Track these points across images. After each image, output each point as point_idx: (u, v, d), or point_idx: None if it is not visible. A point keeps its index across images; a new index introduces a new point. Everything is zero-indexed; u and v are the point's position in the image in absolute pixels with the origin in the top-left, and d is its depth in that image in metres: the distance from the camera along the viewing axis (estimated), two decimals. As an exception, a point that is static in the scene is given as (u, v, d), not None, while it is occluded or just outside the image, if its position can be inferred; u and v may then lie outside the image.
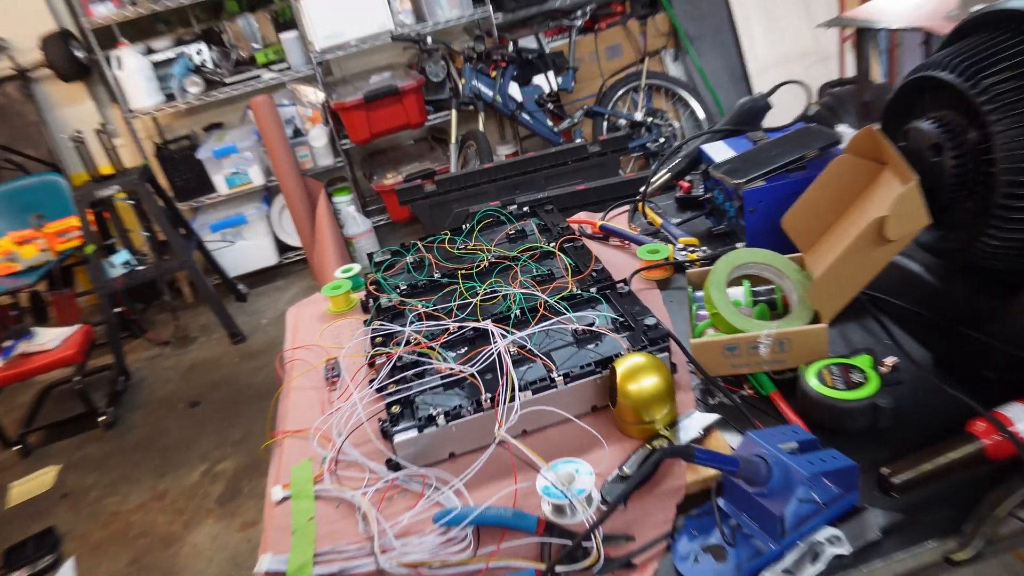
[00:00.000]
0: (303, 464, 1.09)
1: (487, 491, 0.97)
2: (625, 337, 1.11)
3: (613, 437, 1.03)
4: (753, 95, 1.56)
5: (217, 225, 4.29)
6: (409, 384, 1.09)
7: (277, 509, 1.03)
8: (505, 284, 1.30)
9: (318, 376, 1.30)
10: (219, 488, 2.86)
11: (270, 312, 4.14)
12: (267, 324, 4.03)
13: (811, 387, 0.96)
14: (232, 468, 2.95)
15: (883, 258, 0.99)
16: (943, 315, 1.05)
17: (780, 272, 1.13)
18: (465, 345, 1.17)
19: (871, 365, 0.99)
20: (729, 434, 0.99)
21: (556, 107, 4.36)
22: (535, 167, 2.95)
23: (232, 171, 4.20)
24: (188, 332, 4.12)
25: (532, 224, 1.53)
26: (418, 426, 1.01)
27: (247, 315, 4.15)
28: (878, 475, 0.87)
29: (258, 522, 2.66)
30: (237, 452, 3.03)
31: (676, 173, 1.64)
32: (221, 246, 4.30)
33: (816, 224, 1.15)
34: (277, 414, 1.26)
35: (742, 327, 1.05)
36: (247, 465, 2.94)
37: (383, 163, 4.56)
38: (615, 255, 1.52)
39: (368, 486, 1.02)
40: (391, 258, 1.49)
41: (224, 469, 2.95)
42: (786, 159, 1.27)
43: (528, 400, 1.03)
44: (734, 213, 1.36)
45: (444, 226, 2.11)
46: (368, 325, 1.28)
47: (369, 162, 4.63)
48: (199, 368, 3.76)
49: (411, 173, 4.27)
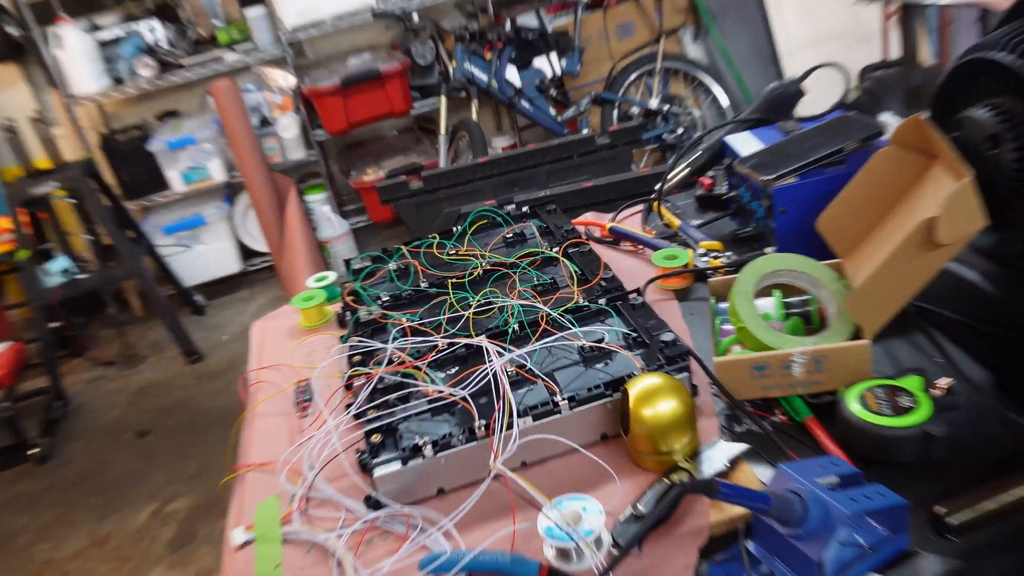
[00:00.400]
0: (269, 502, 1.09)
1: (481, 533, 0.96)
2: (639, 355, 1.11)
3: (626, 470, 1.02)
4: (784, 80, 1.57)
5: (171, 227, 4.29)
6: (392, 409, 1.09)
7: (238, 555, 1.02)
8: (502, 295, 1.30)
9: (287, 400, 1.29)
10: (170, 531, 2.85)
11: (232, 327, 4.14)
12: (228, 340, 4.02)
13: (853, 413, 0.96)
14: (186, 508, 2.94)
15: (934, 264, 0.99)
16: (1004, 329, 1.05)
17: (816, 281, 1.14)
18: (456, 364, 1.17)
19: (922, 387, 0.99)
20: (759, 466, 0.99)
21: (559, 93, 4.38)
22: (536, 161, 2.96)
23: (189, 165, 4.21)
24: (137, 350, 4.11)
25: (532, 226, 1.53)
26: (402, 458, 1.01)
27: (205, 330, 4.14)
28: (931, 514, 0.86)
29: (216, 571, 2.63)
30: (192, 489, 3.02)
31: (696, 168, 1.64)
32: (176, 251, 4.30)
33: (856, 226, 1.15)
34: (239, 444, 1.25)
35: (772, 343, 1.05)
36: (203, 504, 2.93)
37: (363, 157, 4.57)
38: (627, 261, 1.52)
39: (344, 527, 1.01)
40: (371, 265, 1.49)
41: (176, 509, 2.94)
42: (822, 152, 1.27)
43: (528, 427, 1.02)
44: (763, 214, 1.36)
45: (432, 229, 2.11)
46: (345, 342, 1.28)
47: (347, 156, 4.64)
48: (149, 391, 3.75)
49: (394, 168, 4.29)
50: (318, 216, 4.29)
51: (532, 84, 4.22)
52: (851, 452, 0.96)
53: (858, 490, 0.83)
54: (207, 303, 4.41)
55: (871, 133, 1.29)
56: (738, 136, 1.46)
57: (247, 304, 4.36)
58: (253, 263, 4.54)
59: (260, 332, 1.53)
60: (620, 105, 4.33)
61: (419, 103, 4.40)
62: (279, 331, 1.51)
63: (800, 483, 0.82)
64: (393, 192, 2.96)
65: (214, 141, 4.18)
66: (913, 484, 0.90)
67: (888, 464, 0.94)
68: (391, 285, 1.42)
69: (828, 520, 0.80)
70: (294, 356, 1.41)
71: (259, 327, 1.55)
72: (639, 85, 4.44)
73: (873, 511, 0.81)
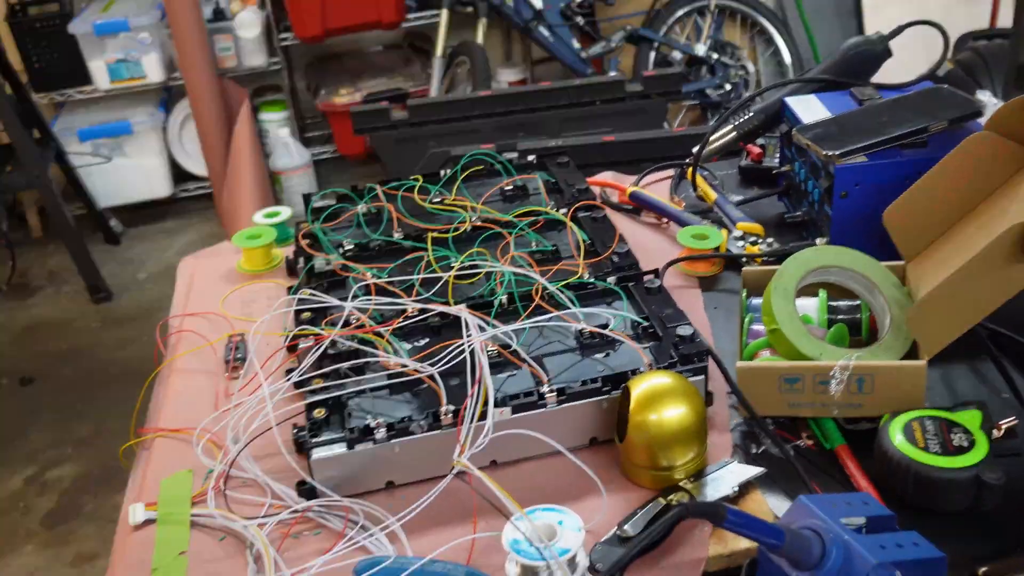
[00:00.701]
0: (178, 477, 1.10)
1: (434, 538, 0.98)
2: (648, 349, 1.13)
3: (616, 483, 1.04)
4: (866, 35, 1.58)
5: (89, 132, 4.25)
6: (342, 381, 1.10)
7: (134, 537, 1.03)
8: (491, 258, 1.31)
9: (215, 358, 1.31)
10: (48, 502, 2.84)
11: (152, 263, 4.12)
12: (147, 279, 4.00)
13: (894, 445, 0.98)
14: (71, 476, 2.92)
15: (1018, 281, 1.01)
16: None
17: (871, 284, 1.15)
18: (427, 335, 1.18)
19: (980, 425, 1.01)
20: (774, 496, 1.01)
21: (588, 23, 4.36)
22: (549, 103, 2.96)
23: (118, 57, 4.17)
24: (29, 279, 4.09)
25: (538, 180, 1.54)
26: (348, 440, 1.03)
27: (118, 263, 4.12)
28: (972, 574, 0.89)
29: (102, 555, 2.64)
30: (82, 454, 3.01)
31: (745, 133, 1.65)
32: (92, 162, 4.26)
33: (931, 224, 1.17)
34: (150, 405, 1.26)
35: (810, 353, 1.07)
36: (94, 473, 2.91)
37: (337, 73, 4.54)
38: (647, 236, 1.54)
39: (268, 516, 1.03)
40: (336, 205, 1.49)
41: (60, 477, 2.93)
42: (901, 129, 1.29)
43: (505, 420, 1.04)
44: (819, 196, 1.38)
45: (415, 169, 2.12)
46: (294, 294, 1.29)
47: (317, 69, 4.61)
48: (39, 331, 3.73)
49: (375, 91, 4.27)
50: (274, 140, 4.26)
51: (556, 7, 4.20)
52: (886, 492, 0.98)
53: (889, 536, 0.85)
54: (124, 230, 4.37)
55: (965, 113, 1.30)
56: (801, 99, 1.47)
57: (174, 237, 4.33)
58: (187, 188, 4.51)
59: (189, 271, 1.54)
60: (660, 47, 4.32)
61: (414, 15, 4.36)
62: (213, 273, 1.52)
63: (821, 520, 0.84)
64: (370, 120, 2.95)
65: (154, 30, 4.13)
66: (955, 537, 0.93)
67: (929, 510, 0.96)
68: (358, 232, 1.42)
69: (850, 567, 0.82)
70: (229, 305, 1.42)
71: (189, 265, 1.56)
72: (686, 25, 4.42)
73: (904, 563, 0.83)
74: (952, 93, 1.37)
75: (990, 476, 0.95)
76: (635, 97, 2.98)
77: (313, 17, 4.10)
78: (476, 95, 2.97)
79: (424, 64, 4.47)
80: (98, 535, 2.70)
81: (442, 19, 4.11)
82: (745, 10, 4.42)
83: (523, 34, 4.29)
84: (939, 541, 0.86)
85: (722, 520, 0.80)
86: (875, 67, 1.59)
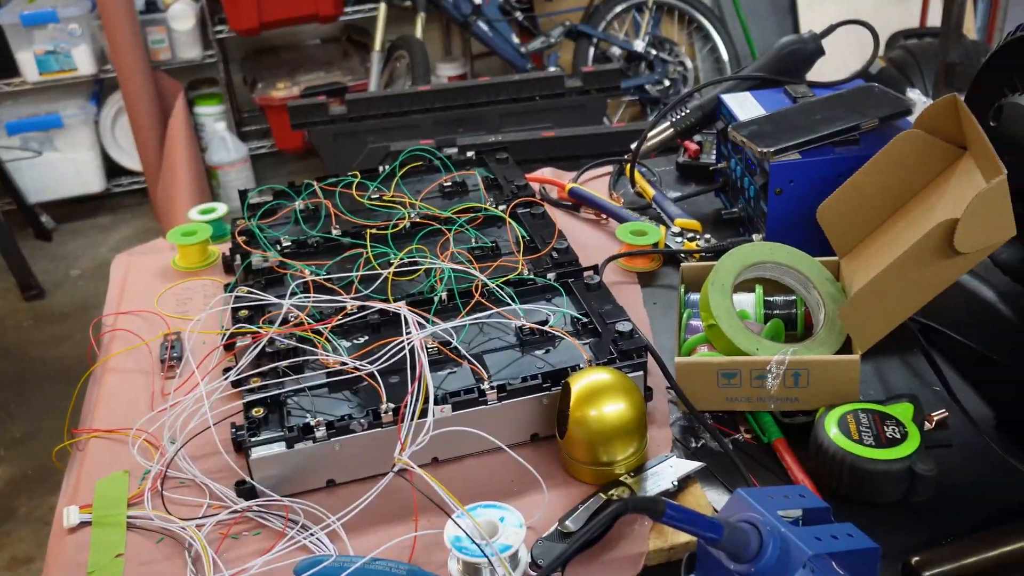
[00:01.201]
0: (114, 478, 1.09)
1: (375, 537, 0.98)
2: (587, 345, 1.13)
3: (557, 479, 1.05)
4: (800, 34, 1.60)
5: (17, 125, 4.18)
6: (281, 379, 1.09)
7: (69, 539, 1.02)
8: (431, 255, 1.30)
9: (150, 357, 1.29)
10: (-18, 505, 2.80)
11: (85, 259, 4.07)
12: (79, 276, 3.95)
13: (830, 438, 1.00)
14: (5, 477, 2.90)
15: (947, 276, 1.03)
16: (1015, 360, 1.10)
17: (806, 279, 1.17)
18: (366, 333, 1.18)
19: (912, 417, 1.03)
20: (713, 490, 1.03)
21: (527, 18, 4.37)
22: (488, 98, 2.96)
23: (48, 49, 4.09)
24: (-43, 276, 4.01)
25: (477, 176, 1.54)
26: (287, 439, 1.02)
27: (50, 260, 4.06)
28: (905, 565, 0.91)
29: (37, 558, 2.62)
30: (14, 456, 2.98)
31: (682, 130, 1.67)
32: (21, 157, 4.19)
33: (863, 220, 1.19)
34: (84, 405, 1.24)
35: (747, 348, 1.09)
36: (27, 475, 2.89)
37: (274, 67, 4.50)
38: (586, 232, 1.54)
39: (207, 516, 1.02)
40: (273, 201, 1.48)
41: (-8, 479, 2.90)
42: (834, 127, 1.31)
43: (446, 417, 1.04)
44: (755, 193, 1.39)
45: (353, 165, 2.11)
46: (230, 291, 1.27)
47: (254, 62, 4.57)
48: (-31, 330, 3.67)
49: (313, 85, 4.24)
50: (209, 134, 4.22)
51: (494, 2, 4.21)
52: (822, 484, 1.00)
53: (825, 528, 0.86)
54: (56, 227, 4.32)
55: (895, 111, 1.33)
56: (737, 96, 1.49)
57: (107, 233, 4.28)
58: (120, 183, 4.45)
59: (123, 268, 1.52)
60: (599, 43, 4.35)
61: (352, 8, 4.34)
62: (147, 270, 1.50)
63: (759, 513, 0.85)
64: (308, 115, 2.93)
65: (83, 22, 4.07)
66: (889, 528, 0.95)
67: (864, 502, 0.98)
68: (295, 228, 1.41)
69: (786, 559, 0.83)
70: (164, 303, 1.40)
71: (122, 262, 1.54)
72: (625, 21, 4.46)
73: (838, 554, 0.84)
74: (883, 91, 1.39)
75: (922, 467, 0.97)
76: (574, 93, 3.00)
77: (248, 9, 4.07)
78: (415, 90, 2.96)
79: (363, 58, 4.44)
80: (33, 538, 2.68)
81: (380, 13, 4.09)
82: (683, 6, 4.46)
83: (462, 28, 4.29)
84: (873, 532, 0.88)
85: (661, 515, 0.81)
86: (808, 65, 1.61)
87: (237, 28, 4.15)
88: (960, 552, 0.92)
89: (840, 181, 1.21)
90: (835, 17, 1.62)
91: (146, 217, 4.33)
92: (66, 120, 4.22)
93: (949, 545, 0.93)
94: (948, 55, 3.00)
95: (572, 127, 2.71)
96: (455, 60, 4.67)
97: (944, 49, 3.01)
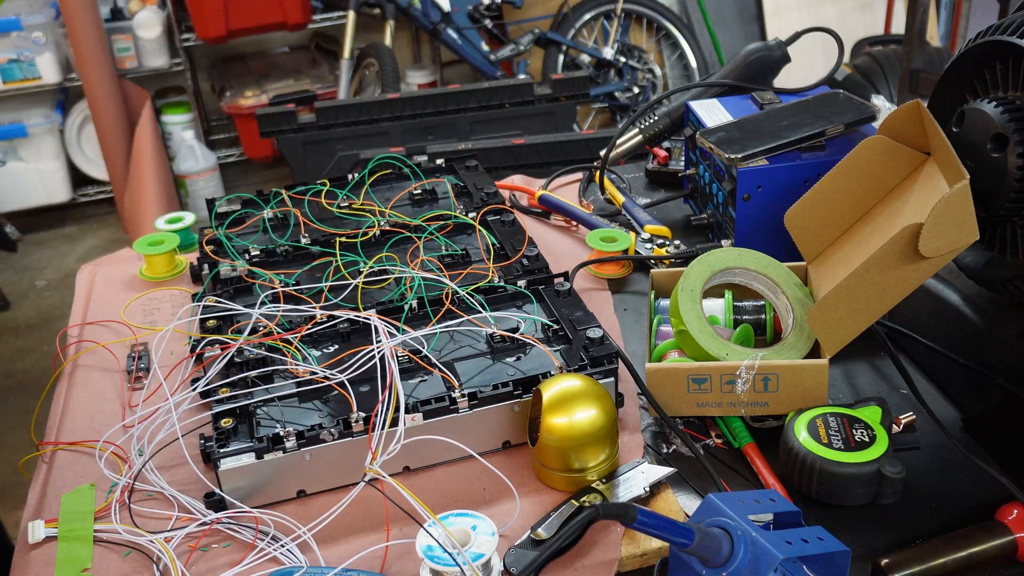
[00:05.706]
0: (80, 491, 1.08)
1: (347, 547, 0.98)
2: (558, 352, 1.13)
3: (529, 486, 1.05)
4: (767, 42, 1.62)
5: (-18, 135, 4.14)
6: (250, 390, 1.09)
7: (34, 555, 1.01)
8: (401, 263, 1.31)
9: (117, 367, 1.28)
10: (-53, 520, 2.76)
11: (51, 270, 4.03)
12: (45, 287, 3.92)
13: (799, 442, 1.01)
14: (-30, 492, 2.85)
15: (912, 280, 1.04)
16: (983, 364, 1.11)
17: (774, 285, 1.18)
18: (336, 342, 1.18)
19: (880, 420, 1.04)
20: (685, 495, 1.03)
21: (496, 26, 4.37)
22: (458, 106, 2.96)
23: (11, 57, 4.05)
24: (-79, 288, 3.96)
25: (447, 184, 1.54)
26: (256, 449, 1.01)
27: (15, 271, 4.02)
28: (875, 566, 0.92)
29: (2, 574, 2.58)
30: (-20, 469, 2.93)
31: (650, 136, 1.68)
32: (-15, 167, 4.15)
33: (829, 225, 1.20)
34: (49, 417, 1.23)
35: (716, 353, 1.09)
36: (-7, 489, 2.85)
37: (242, 75, 4.48)
38: (556, 239, 1.55)
39: (176, 528, 1.01)
40: (241, 210, 1.48)
41: (-43, 493, 2.85)
42: (800, 133, 1.32)
43: (417, 426, 1.04)
44: (723, 199, 1.40)
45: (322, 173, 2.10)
46: (198, 301, 1.27)
47: (222, 70, 4.54)
48: (-67, 342, 3.62)
49: (282, 93, 4.22)
50: (177, 143, 4.19)
51: (463, 10, 4.21)
52: (792, 488, 1.01)
53: (795, 532, 0.87)
54: (21, 237, 4.27)
55: (860, 117, 1.34)
56: (704, 103, 1.50)
57: (74, 244, 4.24)
58: (87, 192, 4.41)
59: (89, 279, 1.51)
60: (568, 50, 4.36)
61: (320, 16, 4.33)
62: (114, 280, 1.49)
63: (730, 518, 0.86)
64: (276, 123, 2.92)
65: (48, 30, 4.03)
66: (858, 530, 0.96)
67: (833, 505, 0.99)
68: (264, 237, 1.41)
69: (757, 563, 0.83)
70: (131, 313, 1.39)
71: (88, 272, 1.53)
72: (594, 28, 4.47)
73: (809, 557, 0.85)
74: (848, 98, 1.41)
75: (890, 470, 0.98)
76: (544, 100, 3.00)
77: (216, 17, 4.04)
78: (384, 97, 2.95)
79: (332, 66, 4.43)
80: (-3, 552, 2.63)
81: (349, 21, 4.08)
82: (650, 14, 4.49)
83: (431, 36, 4.29)
84: (843, 534, 0.89)
85: (633, 521, 0.81)
86: (774, 72, 1.62)
87: (204, 36, 4.13)
88: (928, 553, 0.93)
89: (807, 187, 1.22)
90: (801, 24, 1.64)
91: (113, 227, 4.29)
92: (31, 129, 4.18)
93: (918, 547, 0.94)
94: (912, 62, 3.04)
95: (542, 134, 2.71)
96: (424, 68, 4.67)
97: (908, 56, 3.05)
